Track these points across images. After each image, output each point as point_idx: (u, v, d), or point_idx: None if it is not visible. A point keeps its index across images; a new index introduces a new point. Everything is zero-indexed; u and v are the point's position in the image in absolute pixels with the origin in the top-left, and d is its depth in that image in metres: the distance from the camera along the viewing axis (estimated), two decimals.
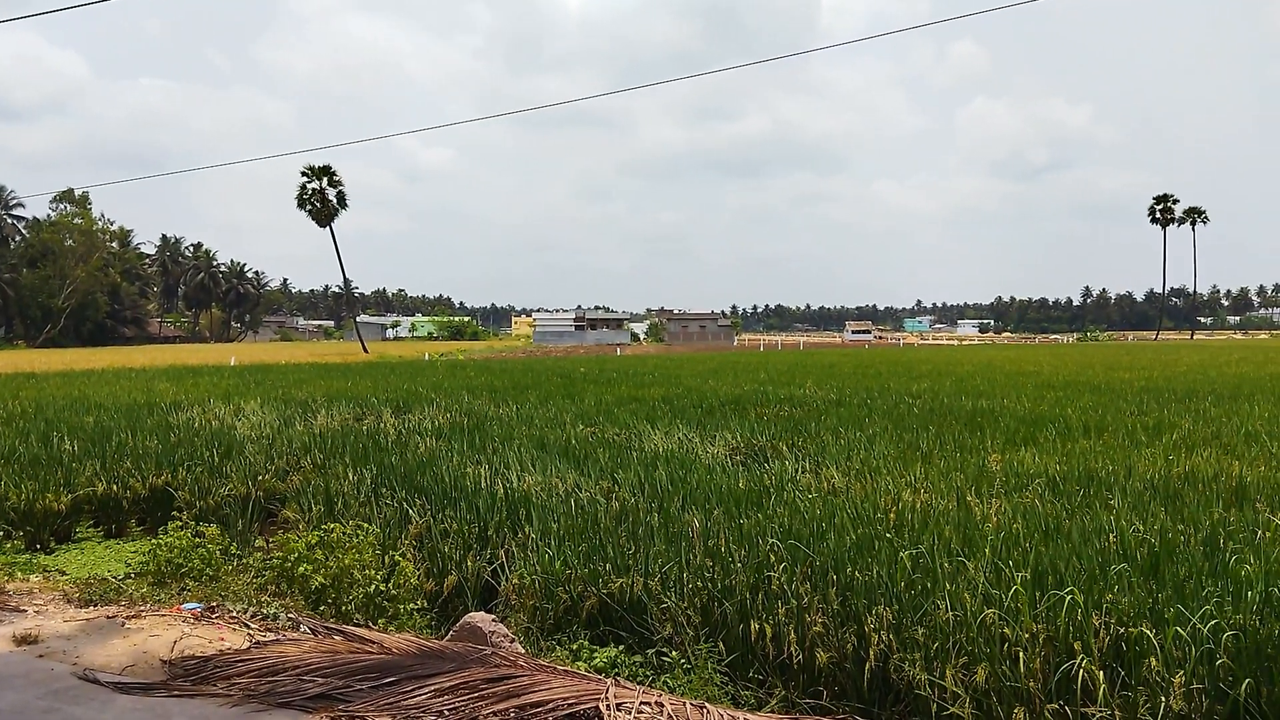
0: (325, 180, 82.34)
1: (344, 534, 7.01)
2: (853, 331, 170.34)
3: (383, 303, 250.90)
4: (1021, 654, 4.70)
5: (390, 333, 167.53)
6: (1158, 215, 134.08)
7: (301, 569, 6.58)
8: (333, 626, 5.14)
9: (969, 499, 8.41)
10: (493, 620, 5.78)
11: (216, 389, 25.20)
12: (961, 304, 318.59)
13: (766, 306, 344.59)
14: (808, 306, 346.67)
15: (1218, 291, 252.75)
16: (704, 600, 6.10)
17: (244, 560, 7.82)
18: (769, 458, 11.84)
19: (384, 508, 9.15)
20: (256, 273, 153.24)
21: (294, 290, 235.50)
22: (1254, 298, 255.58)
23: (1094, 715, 4.36)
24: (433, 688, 3.95)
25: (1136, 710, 4.29)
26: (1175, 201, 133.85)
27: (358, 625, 5.74)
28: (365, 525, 7.48)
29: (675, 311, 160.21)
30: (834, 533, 6.96)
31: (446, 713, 3.75)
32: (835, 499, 8.58)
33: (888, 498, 8.57)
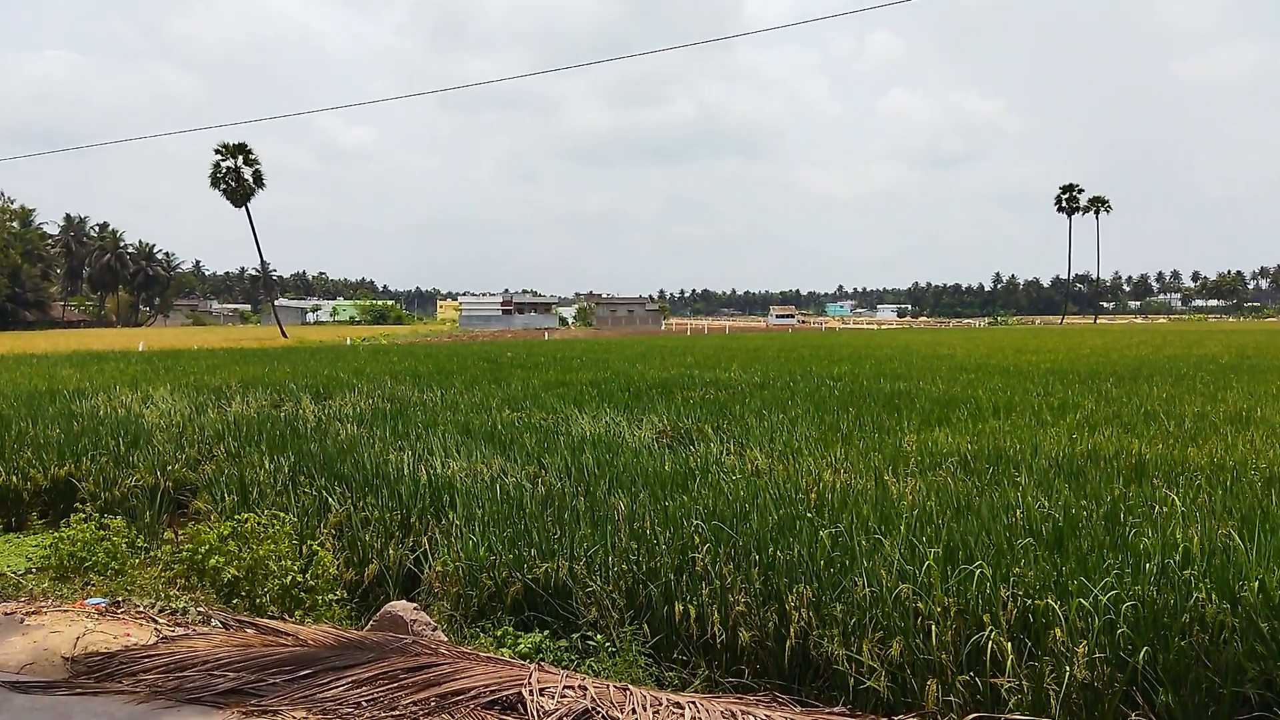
0: (240, 158, 79.66)
1: (259, 524, 6.83)
2: (777, 316, 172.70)
3: (302, 286, 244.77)
4: (934, 627, 4.86)
5: (310, 317, 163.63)
6: (1063, 204, 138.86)
7: (213, 561, 6.40)
8: (245, 620, 5.01)
9: (886, 478, 8.61)
10: (414, 609, 5.72)
11: (123, 375, 24.26)
12: (881, 289, 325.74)
13: (694, 291, 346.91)
14: (734, 291, 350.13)
15: (1119, 278, 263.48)
16: (629, 583, 6.13)
17: (152, 553, 7.58)
18: (695, 440, 11.93)
19: (302, 497, 8.95)
20: (167, 254, 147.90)
21: (208, 273, 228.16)
22: (1153, 284, 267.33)
23: (1003, 685, 4.53)
24: (351, 679, 3.89)
25: (1042, 680, 4.46)
26: (1080, 191, 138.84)
27: (272, 618, 5.62)
28: (282, 515, 7.31)
29: (604, 296, 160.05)
30: (757, 513, 7.06)
31: (365, 704, 3.69)
32: (759, 480, 8.71)
33: (809, 478, 8.72)
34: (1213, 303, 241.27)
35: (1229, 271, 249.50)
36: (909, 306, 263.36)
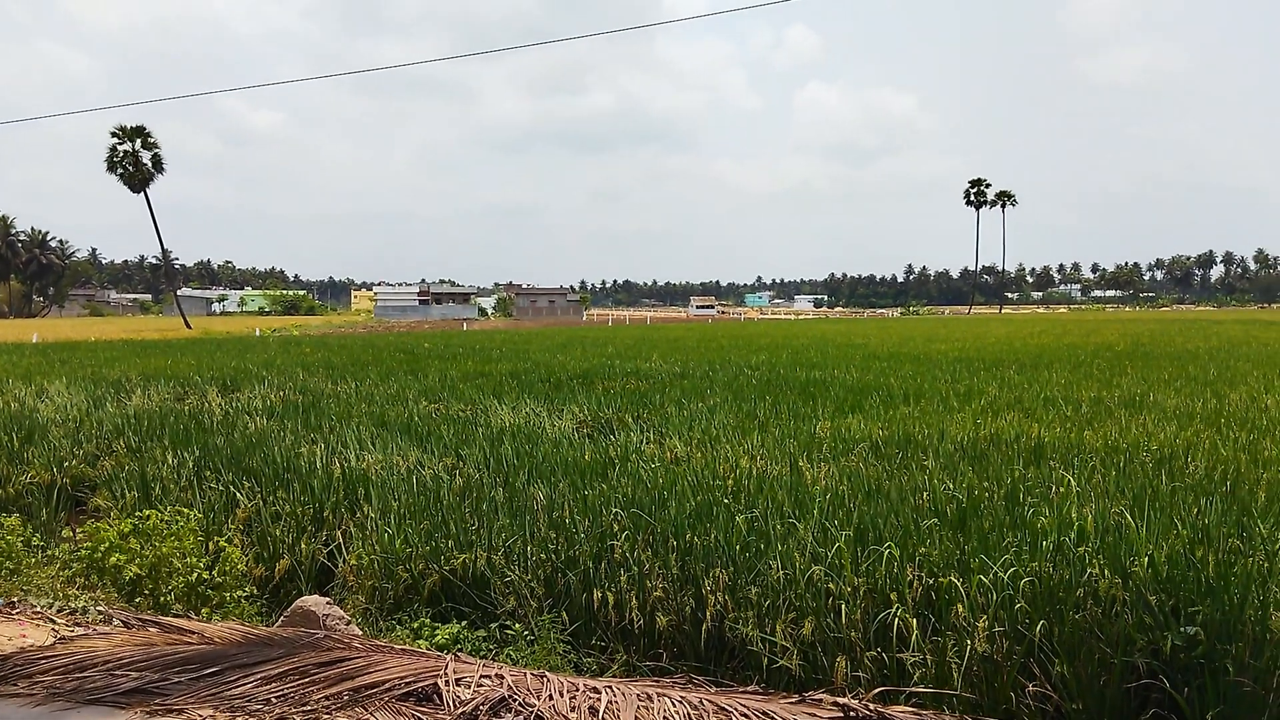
0: (139, 141, 76.25)
1: (162, 521, 6.62)
2: (697, 306, 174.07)
3: (208, 275, 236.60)
4: (844, 606, 5.00)
5: (217, 307, 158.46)
6: (972, 198, 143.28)
7: (113, 559, 6.18)
8: (148, 618, 4.86)
9: (801, 464, 8.80)
10: (327, 603, 5.63)
11: (16, 368, 23.17)
12: (798, 280, 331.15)
13: (615, 282, 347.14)
14: (655, 282, 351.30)
15: (1024, 269, 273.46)
16: (548, 572, 6.15)
17: (49, 552, 7.26)
18: (615, 430, 11.98)
19: (208, 492, 8.71)
20: (61, 242, 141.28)
21: (105, 261, 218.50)
22: (1055, 275, 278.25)
23: (908, 660, 4.69)
24: (260, 675, 3.81)
25: (945, 654, 4.64)
26: (988, 186, 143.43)
27: (177, 616, 5.47)
28: (186, 511, 7.09)
29: (524, 286, 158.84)
30: (675, 500, 7.14)
31: (275, 700, 3.63)
32: (677, 468, 8.80)
33: (726, 465, 8.85)
34: (1111, 293, 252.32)
35: (1126, 264, 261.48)
36: (826, 297, 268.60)
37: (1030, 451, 9.26)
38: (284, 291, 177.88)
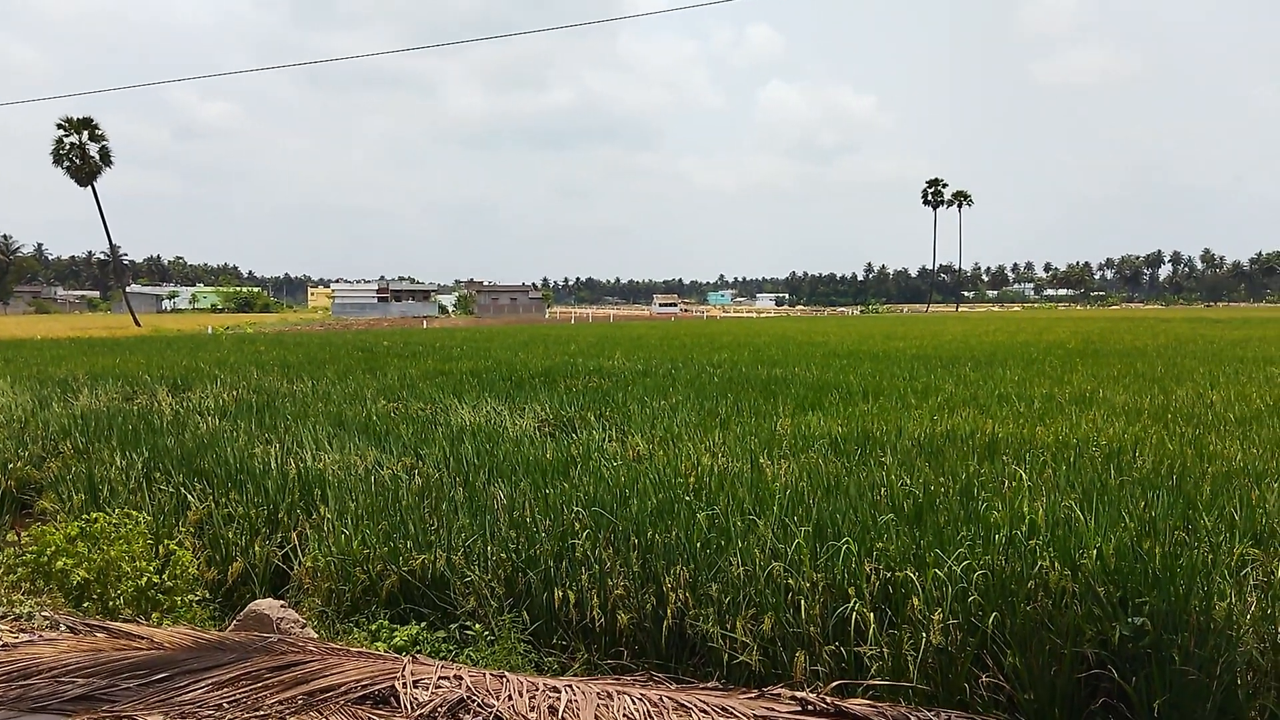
0: (86, 134, 74.53)
1: (110, 524, 6.49)
2: (660, 304, 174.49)
3: (158, 271, 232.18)
4: (803, 602, 5.04)
5: (168, 304, 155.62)
6: (929, 198, 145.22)
7: (60, 563, 6.04)
8: (96, 623, 4.76)
9: (762, 461, 8.85)
10: (281, 606, 5.55)
11: None
12: (760, 279, 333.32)
13: (578, 279, 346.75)
14: (618, 280, 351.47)
15: (979, 268, 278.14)
16: (508, 571, 6.12)
17: None
18: (577, 428, 11.96)
19: (158, 494, 8.55)
20: (5, 237, 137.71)
21: (51, 257, 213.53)
22: (1009, 274, 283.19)
23: (866, 653, 4.75)
24: (211, 681, 3.74)
25: (901, 647, 4.70)
26: (944, 185, 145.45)
27: (126, 621, 5.36)
28: (135, 514, 6.96)
29: (485, 283, 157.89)
30: (637, 498, 7.14)
31: (227, 705, 3.56)
32: (639, 466, 8.80)
33: (688, 463, 8.88)
34: (1062, 292, 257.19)
35: (1077, 263, 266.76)
36: (787, 295, 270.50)
37: (984, 447, 9.40)
38: (237, 288, 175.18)
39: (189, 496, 8.30)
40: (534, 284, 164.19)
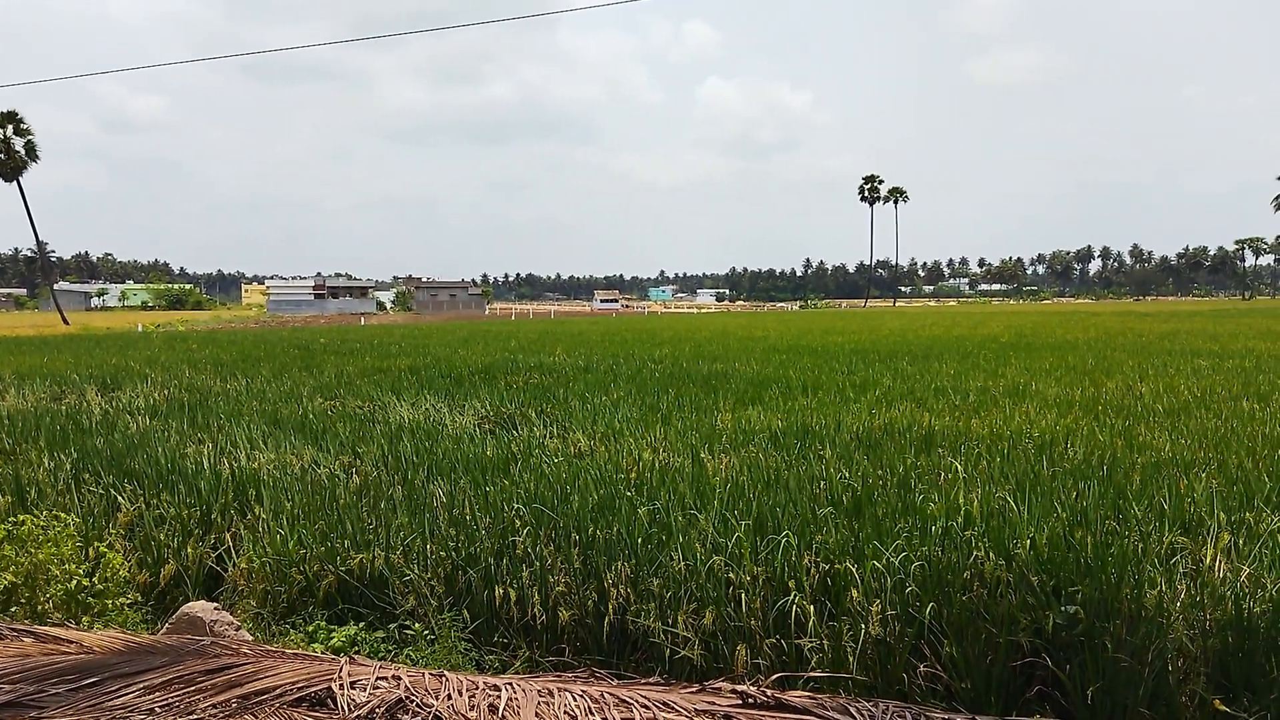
0: (10, 128, 71.94)
1: (38, 526, 6.25)
2: (601, 300, 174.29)
3: (87, 269, 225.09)
4: (744, 595, 5.07)
5: (97, 302, 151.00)
6: (866, 194, 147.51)
7: None
8: (23, 628, 4.57)
9: (703, 456, 8.88)
10: (215, 609, 5.41)
11: None
12: (701, 274, 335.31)
13: (518, 275, 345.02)
14: (558, 276, 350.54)
15: (916, 263, 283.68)
16: (449, 569, 6.05)
17: None
18: (518, 425, 11.88)
19: (88, 496, 8.28)
20: None
21: None
22: (945, 269, 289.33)
23: (806, 645, 4.79)
24: (142, 685, 3.62)
25: (841, 638, 4.75)
26: (881, 182, 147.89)
27: (54, 625, 5.17)
28: (64, 516, 6.72)
29: (424, 280, 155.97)
30: (578, 494, 7.11)
31: (159, 709, 3.45)
32: (581, 462, 8.77)
33: (630, 458, 8.87)
34: (996, 286, 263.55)
35: (1011, 258, 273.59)
36: (727, 291, 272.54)
37: (921, 440, 9.56)
38: (169, 285, 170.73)
39: (119, 498, 8.06)
40: (474, 280, 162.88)
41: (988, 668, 4.64)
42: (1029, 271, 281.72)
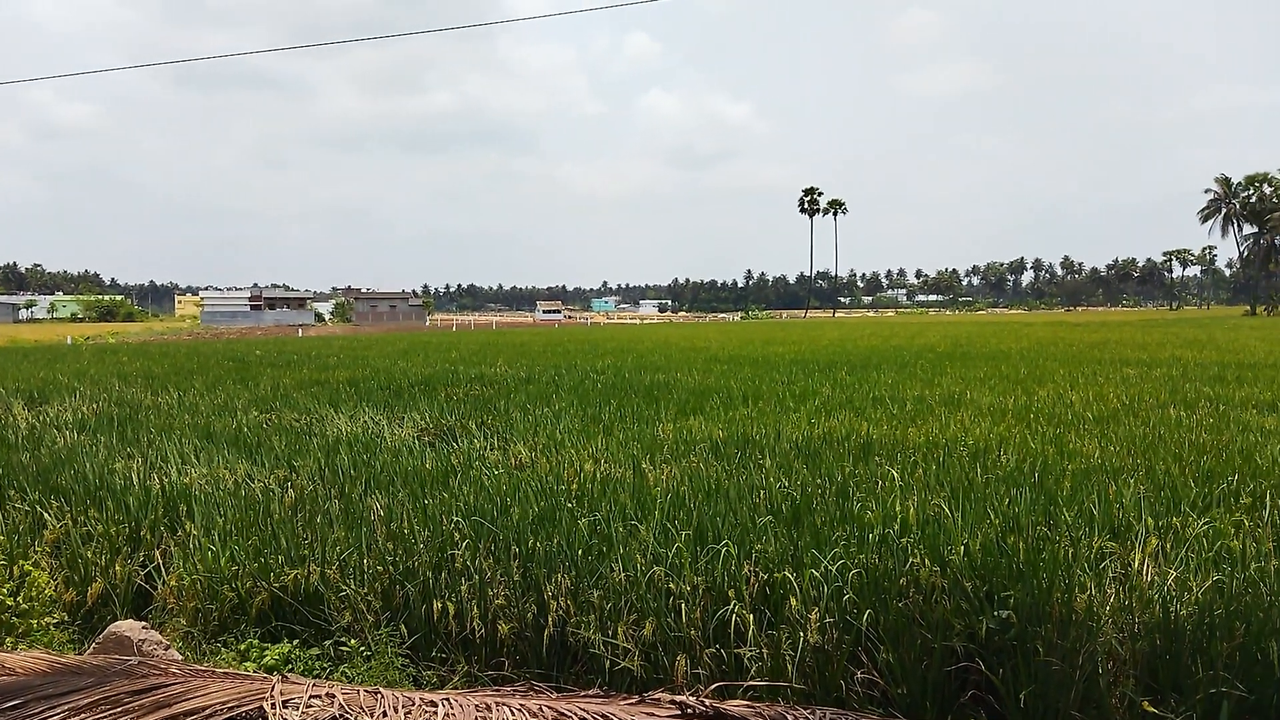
0: None
1: None
2: (544, 311, 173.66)
3: (13, 279, 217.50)
4: (684, 606, 5.08)
5: (24, 314, 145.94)
6: (805, 206, 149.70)
7: None
8: None
9: (644, 466, 8.89)
10: (143, 628, 5.25)
11: None
12: (643, 285, 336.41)
13: (459, 286, 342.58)
14: (500, 286, 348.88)
15: (855, 274, 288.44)
16: (386, 584, 5.95)
17: None
18: (458, 437, 11.76)
19: (12, 513, 7.98)
20: None
21: None
22: (884, 280, 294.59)
23: (745, 655, 4.81)
24: (67, 706, 3.50)
25: (780, 647, 4.79)
26: (820, 194, 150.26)
27: None
28: None
29: (364, 290, 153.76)
30: (518, 506, 7.07)
31: None
32: (521, 474, 8.72)
33: (571, 470, 8.85)
34: (933, 297, 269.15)
35: (947, 269, 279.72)
36: (670, 302, 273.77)
37: (859, 449, 9.70)
38: (100, 297, 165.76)
39: (45, 515, 7.79)
40: (414, 291, 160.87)
41: (923, 673, 4.71)
42: (964, 283, 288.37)
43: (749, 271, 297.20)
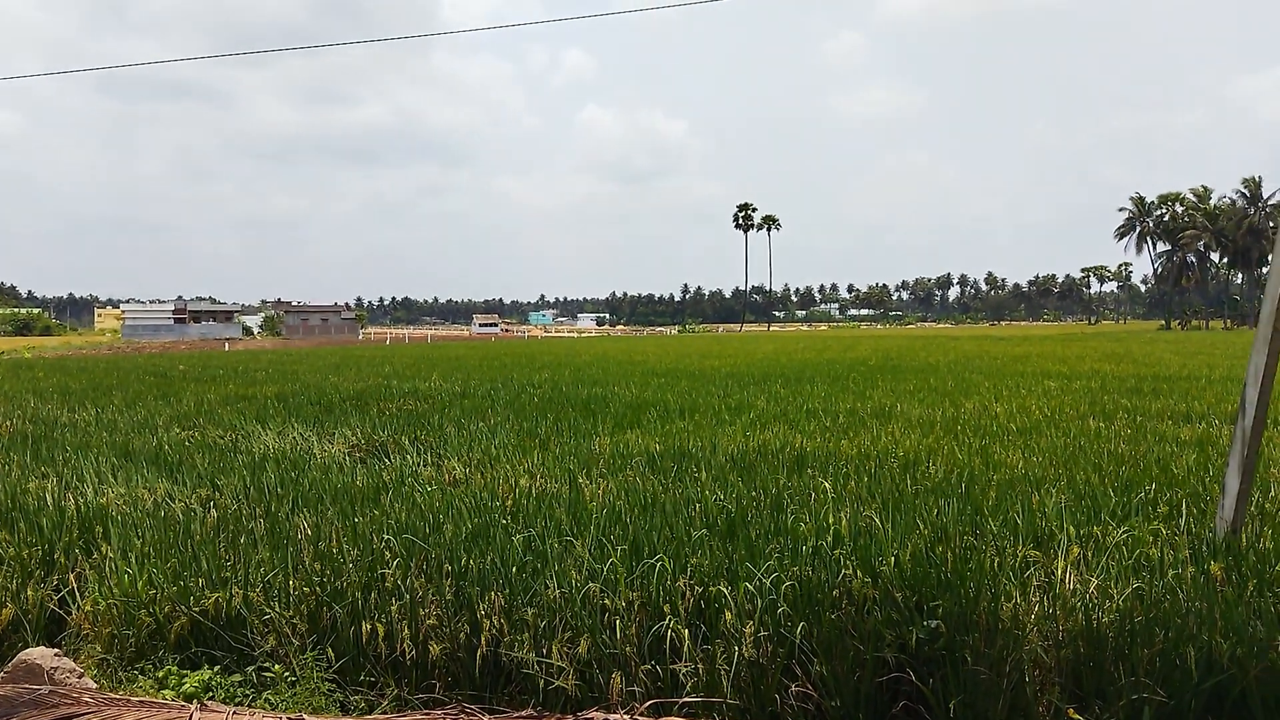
0: None
1: None
2: (480, 325, 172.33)
3: None
4: (619, 622, 5.03)
5: None
6: (740, 221, 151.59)
7: None
8: None
9: (581, 481, 8.84)
10: (55, 655, 5.02)
11: None
12: (582, 299, 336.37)
13: (394, 299, 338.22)
14: (436, 300, 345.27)
15: (789, 289, 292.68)
16: (312, 606, 5.78)
17: None
18: (390, 453, 11.55)
19: None
20: None
21: None
22: (817, 295, 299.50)
23: (681, 670, 4.79)
24: None
25: (715, 661, 4.77)
26: (754, 210, 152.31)
27: None
28: None
29: (294, 303, 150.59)
30: (451, 523, 6.96)
31: None
32: (455, 490, 8.60)
33: (506, 485, 8.75)
34: (864, 311, 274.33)
35: (877, 284, 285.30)
36: (608, 315, 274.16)
37: (794, 461, 9.78)
38: (15, 310, 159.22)
39: None
40: (347, 304, 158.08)
41: (856, 684, 4.74)
42: (895, 297, 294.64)
43: (686, 286, 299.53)
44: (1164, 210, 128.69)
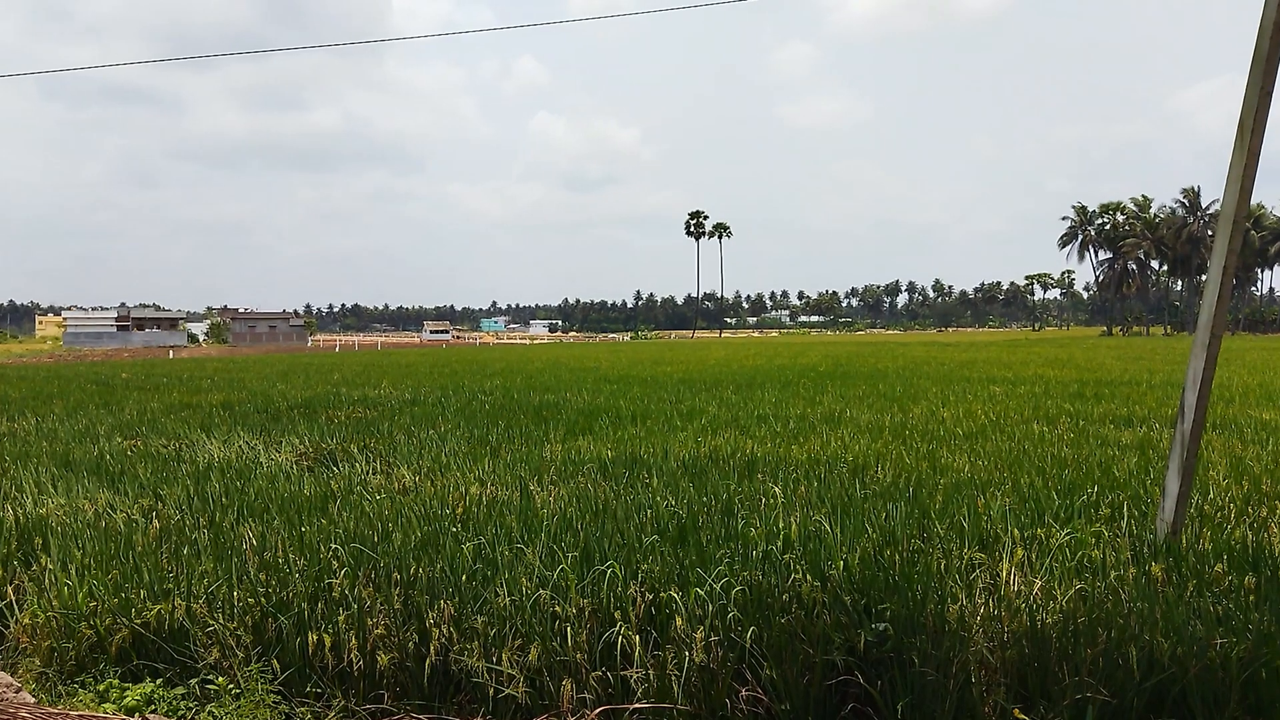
0: None
1: None
2: (431, 331, 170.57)
3: None
4: (569, 629, 5.02)
5: None
6: (692, 229, 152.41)
7: None
8: None
9: (532, 488, 8.81)
10: None
11: None
12: (534, 305, 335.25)
13: (344, 306, 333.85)
14: (386, 306, 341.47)
15: (740, 296, 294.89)
16: (257, 617, 5.68)
17: None
18: (339, 461, 11.40)
19: None
20: None
21: None
22: (768, 301, 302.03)
23: (632, 677, 4.79)
24: None
25: (666, 667, 4.78)
26: (705, 218, 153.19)
27: None
28: None
29: (242, 310, 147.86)
30: (400, 532, 6.89)
31: None
32: (405, 498, 8.51)
33: (457, 493, 8.68)
34: (815, 318, 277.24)
35: (827, 291, 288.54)
36: (560, 322, 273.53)
37: (744, 466, 9.84)
38: None
39: None
40: (296, 311, 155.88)
41: (806, 688, 4.77)
42: (844, 304, 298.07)
43: (638, 292, 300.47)
44: (1106, 219, 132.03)
